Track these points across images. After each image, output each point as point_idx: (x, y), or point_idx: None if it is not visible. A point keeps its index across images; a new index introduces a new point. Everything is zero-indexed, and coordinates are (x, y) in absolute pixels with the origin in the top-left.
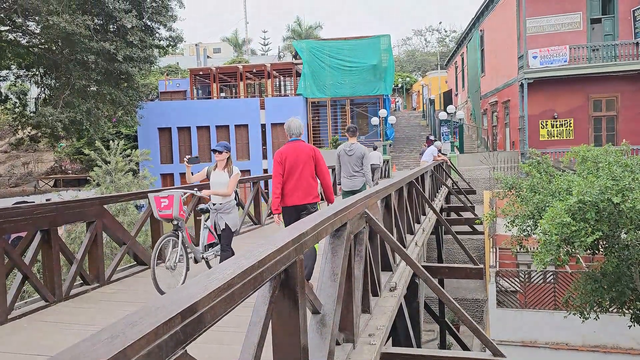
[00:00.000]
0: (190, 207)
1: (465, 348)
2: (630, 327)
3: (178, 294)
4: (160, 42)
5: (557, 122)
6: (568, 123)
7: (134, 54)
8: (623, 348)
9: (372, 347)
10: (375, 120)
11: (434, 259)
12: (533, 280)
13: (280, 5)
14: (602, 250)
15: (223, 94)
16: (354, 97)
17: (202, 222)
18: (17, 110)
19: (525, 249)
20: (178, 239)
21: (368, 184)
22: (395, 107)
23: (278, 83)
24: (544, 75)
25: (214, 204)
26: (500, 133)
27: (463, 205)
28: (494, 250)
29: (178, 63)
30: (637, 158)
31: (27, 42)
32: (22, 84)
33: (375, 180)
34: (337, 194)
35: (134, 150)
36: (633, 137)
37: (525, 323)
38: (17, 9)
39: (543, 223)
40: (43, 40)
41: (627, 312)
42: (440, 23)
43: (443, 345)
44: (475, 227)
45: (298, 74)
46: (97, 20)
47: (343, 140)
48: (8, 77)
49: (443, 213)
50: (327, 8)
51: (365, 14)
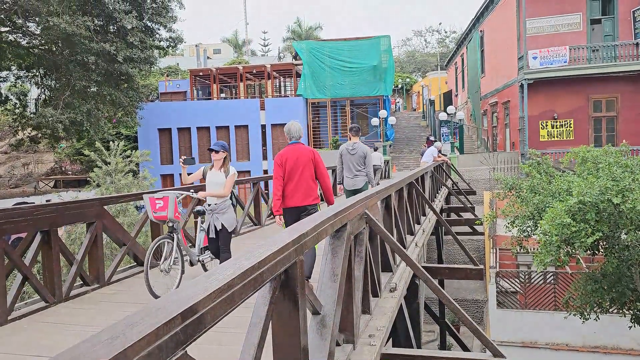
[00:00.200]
0: (190, 208)
1: (466, 349)
2: (631, 327)
3: (178, 295)
4: (161, 43)
5: (557, 122)
6: (568, 124)
7: (134, 55)
8: (623, 349)
9: (372, 348)
10: (375, 121)
11: (434, 260)
12: (533, 281)
13: (280, 6)
14: (602, 251)
15: (223, 95)
16: (354, 97)
17: (198, 224)
18: (17, 111)
19: (526, 250)
20: (173, 241)
21: (370, 183)
22: (395, 107)
23: (278, 84)
24: (544, 76)
25: (210, 205)
26: (500, 134)
27: (463, 206)
28: (494, 251)
29: (178, 64)
30: (637, 159)
31: (27, 43)
32: (22, 85)
33: (376, 181)
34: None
35: (134, 151)
36: (633, 137)
37: (526, 324)
38: (17, 10)
39: (543, 224)
40: (43, 41)
41: (627, 312)
42: (440, 24)
43: (443, 346)
44: (475, 227)
45: (298, 75)
46: (97, 21)
47: (343, 141)
48: (8, 78)
49: (443, 214)
50: (327, 9)
51: (365, 15)
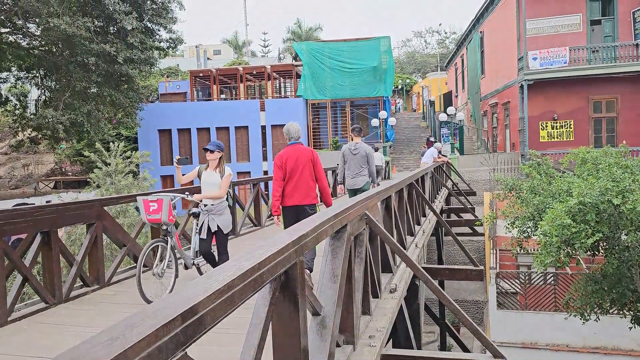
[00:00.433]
0: (190, 209)
1: (466, 350)
2: (631, 328)
3: (178, 296)
4: (161, 43)
5: (557, 123)
6: (568, 124)
7: (134, 56)
8: (624, 350)
9: (372, 348)
10: (375, 122)
11: (434, 261)
12: (533, 282)
13: (280, 7)
14: (602, 252)
15: (223, 96)
16: (354, 98)
17: (193, 227)
18: (17, 112)
19: (526, 251)
20: (167, 245)
21: (373, 181)
22: (396, 108)
23: (278, 85)
24: (544, 77)
25: (205, 205)
26: (500, 134)
27: (463, 207)
28: (494, 252)
29: (178, 65)
30: (637, 159)
31: (27, 44)
32: (22, 86)
33: (378, 181)
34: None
35: (134, 152)
36: (633, 138)
37: (526, 324)
38: (17, 11)
39: (543, 224)
40: (43, 42)
41: (627, 313)
42: (440, 25)
43: (443, 347)
44: (476, 228)
45: (298, 76)
46: (97, 22)
47: (343, 142)
48: (8, 79)
49: (443, 214)
50: (327, 10)
51: (365, 16)
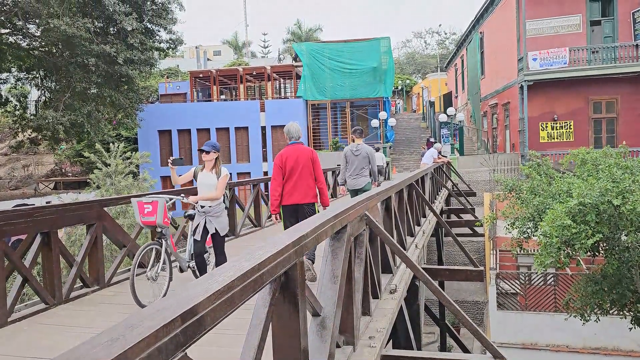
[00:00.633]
0: None
1: (466, 350)
2: (631, 329)
3: (178, 296)
4: (161, 44)
5: (557, 124)
6: (568, 125)
7: (134, 57)
8: (624, 350)
9: (372, 349)
10: (375, 123)
11: (434, 261)
12: (533, 283)
13: (280, 8)
14: (602, 253)
15: (223, 97)
16: (354, 99)
17: (188, 229)
18: (17, 113)
19: (526, 251)
20: (161, 248)
21: (375, 180)
22: (395, 109)
23: (278, 85)
24: (544, 78)
25: (202, 207)
26: (500, 135)
27: (463, 208)
28: (494, 253)
29: (178, 66)
30: (637, 160)
31: (27, 44)
32: (22, 87)
33: (380, 181)
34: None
35: (134, 153)
36: (633, 139)
37: (526, 325)
38: (17, 12)
39: (543, 225)
40: (43, 43)
41: (627, 314)
42: (440, 25)
43: (443, 348)
44: (476, 229)
45: (298, 77)
46: (97, 23)
47: (343, 143)
48: (8, 79)
49: (443, 215)
50: (327, 11)
51: (365, 17)
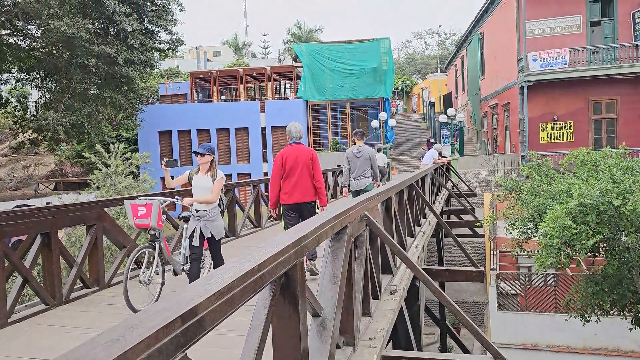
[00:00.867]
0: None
1: (466, 351)
2: (632, 329)
3: (178, 297)
4: (161, 45)
5: (557, 124)
6: (568, 126)
7: (135, 57)
8: (624, 351)
9: (372, 350)
10: (376, 123)
11: (435, 262)
12: (534, 283)
13: (280, 9)
14: (602, 253)
15: (223, 97)
16: (354, 100)
17: (183, 231)
18: (17, 114)
19: (526, 252)
20: (154, 251)
21: (377, 181)
22: (396, 110)
23: (278, 86)
24: (544, 78)
25: (197, 211)
26: (501, 136)
27: (463, 208)
28: (495, 253)
29: (178, 66)
30: (637, 160)
31: (27, 45)
32: (22, 88)
33: (382, 182)
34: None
35: (134, 154)
36: (633, 139)
37: (526, 326)
38: (17, 13)
39: (544, 226)
40: (44, 44)
41: (628, 314)
42: (440, 26)
43: (444, 349)
44: (476, 229)
45: (298, 77)
46: (97, 24)
47: (343, 143)
48: (9, 80)
49: (443, 216)
50: (327, 11)
51: (365, 17)
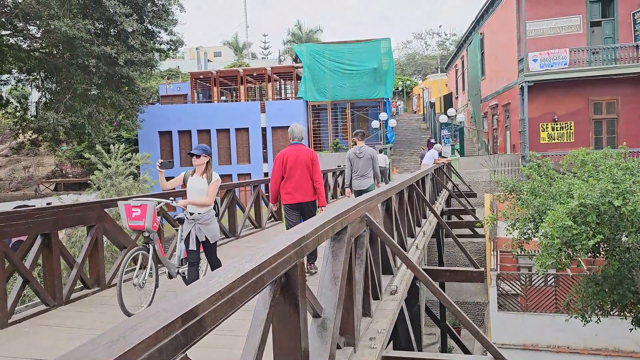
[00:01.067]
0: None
1: (467, 351)
2: (632, 330)
3: (179, 298)
4: (161, 45)
5: (557, 125)
6: (568, 126)
7: (135, 58)
8: (625, 351)
9: (373, 350)
10: (376, 124)
11: (435, 262)
12: (534, 284)
13: (281, 9)
14: (603, 254)
15: (223, 98)
16: (355, 100)
17: (178, 233)
18: (18, 115)
19: (526, 252)
20: (148, 253)
21: (378, 181)
22: (396, 110)
23: (278, 86)
24: (544, 78)
25: (192, 214)
26: (501, 136)
27: (464, 208)
28: (495, 254)
29: (179, 67)
30: (637, 161)
31: (28, 46)
32: (23, 88)
33: (384, 182)
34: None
35: (135, 154)
36: (634, 139)
37: (527, 326)
38: (18, 13)
39: (544, 226)
40: (44, 45)
41: (628, 315)
42: (440, 26)
43: (444, 349)
44: (476, 230)
45: (298, 78)
46: (98, 25)
47: (343, 144)
48: (9, 81)
49: (444, 216)
50: (327, 12)
51: (365, 18)
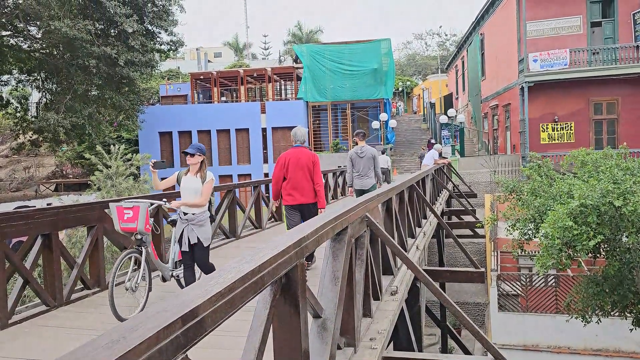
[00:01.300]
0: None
1: (467, 352)
2: (632, 330)
3: (179, 298)
4: (161, 46)
5: (557, 125)
6: (569, 126)
7: (135, 59)
8: (625, 352)
9: (373, 351)
10: (376, 124)
11: (435, 263)
12: (534, 284)
13: (281, 10)
14: (603, 254)
15: (224, 98)
16: (355, 101)
17: (172, 235)
18: (18, 115)
19: (527, 253)
20: (141, 256)
21: (379, 181)
22: (396, 111)
23: (279, 87)
24: (545, 79)
25: (185, 214)
26: (501, 136)
27: (464, 209)
28: (495, 254)
29: (179, 67)
30: (638, 161)
31: (28, 46)
32: (23, 89)
33: (385, 183)
34: (335, 199)
35: (135, 155)
36: (634, 140)
37: (527, 327)
38: (18, 14)
39: (545, 227)
40: (44, 45)
41: (629, 315)
42: (441, 27)
43: (445, 349)
44: (477, 230)
45: (299, 78)
46: (98, 25)
47: (343, 144)
48: (9, 81)
49: (444, 216)
50: (327, 13)
51: (366, 18)
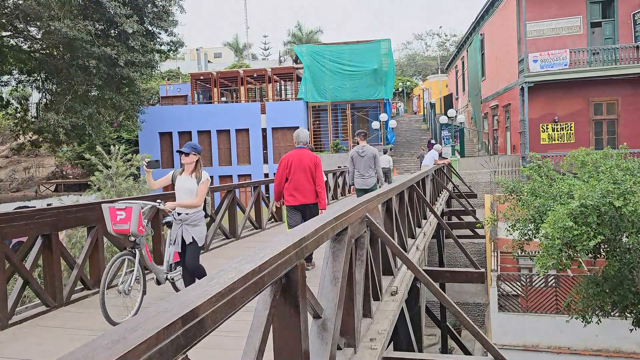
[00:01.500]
0: None
1: (467, 352)
2: (632, 330)
3: (179, 299)
4: (162, 46)
5: (557, 125)
6: (569, 126)
7: (135, 59)
8: (625, 352)
9: (373, 351)
10: (376, 125)
11: (435, 263)
12: (535, 284)
13: (281, 10)
14: (603, 254)
15: (224, 99)
16: (355, 101)
17: (167, 237)
18: (18, 116)
19: (527, 253)
20: (134, 258)
21: (380, 181)
22: (396, 111)
23: (279, 87)
24: (545, 79)
25: (179, 214)
26: (501, 137)
27: (464, 209)
28: (495, 254)
29: (179, 68)
30: (638, 161)
31: (28, 47)
32: (23, 89)
33: (387, 183)
34: (335, 199)
35: (135, 155)
36: (634, 140)
37: (527, 327)
38: (18, 15)
39: (545, 227)
40: (44, 46)
41: (629, 315)
42: (441, 27)
43: (445, 350)
44: (477, 230)
45: (299, 79)
46: (98, 26)
47: (344, 145)
48: (9, 82)
49: (444, 217)
50: (327, 13)
51: (366, 18)
